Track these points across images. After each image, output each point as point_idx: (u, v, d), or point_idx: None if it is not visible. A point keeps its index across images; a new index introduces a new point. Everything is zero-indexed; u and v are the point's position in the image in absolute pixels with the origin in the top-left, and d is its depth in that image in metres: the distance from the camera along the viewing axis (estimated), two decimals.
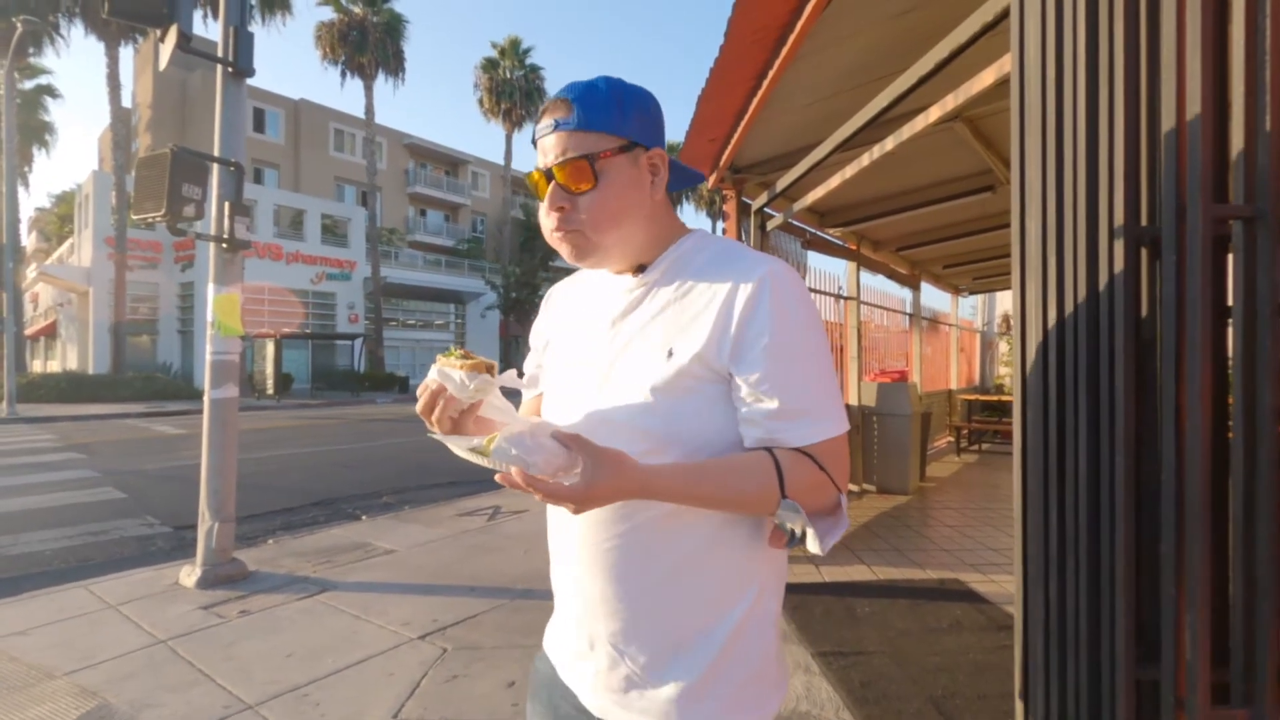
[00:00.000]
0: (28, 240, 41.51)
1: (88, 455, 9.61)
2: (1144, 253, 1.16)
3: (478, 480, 7.70)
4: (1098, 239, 1.20)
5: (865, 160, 3.03)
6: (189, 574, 3.95)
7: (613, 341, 0.92)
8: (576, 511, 0.78)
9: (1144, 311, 1.16)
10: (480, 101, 34.74)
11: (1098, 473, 1.20)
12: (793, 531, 0.86)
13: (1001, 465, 8.07)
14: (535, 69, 34.96)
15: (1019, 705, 1.39)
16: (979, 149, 4.10)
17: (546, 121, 0.89)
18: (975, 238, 6.34)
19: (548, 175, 0.88)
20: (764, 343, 0.83)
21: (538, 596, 3.75)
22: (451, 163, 41.97)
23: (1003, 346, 12.61)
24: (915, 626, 3.20)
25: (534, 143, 0.92)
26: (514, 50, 34.59)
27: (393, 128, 38.27)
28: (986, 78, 1.99)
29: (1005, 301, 12.93)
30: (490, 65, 34.52)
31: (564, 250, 0.91)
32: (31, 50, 21.39)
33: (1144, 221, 1.15)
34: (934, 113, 2.38)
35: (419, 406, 0.89)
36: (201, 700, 2.61)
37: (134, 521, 5.75)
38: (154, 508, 6.23)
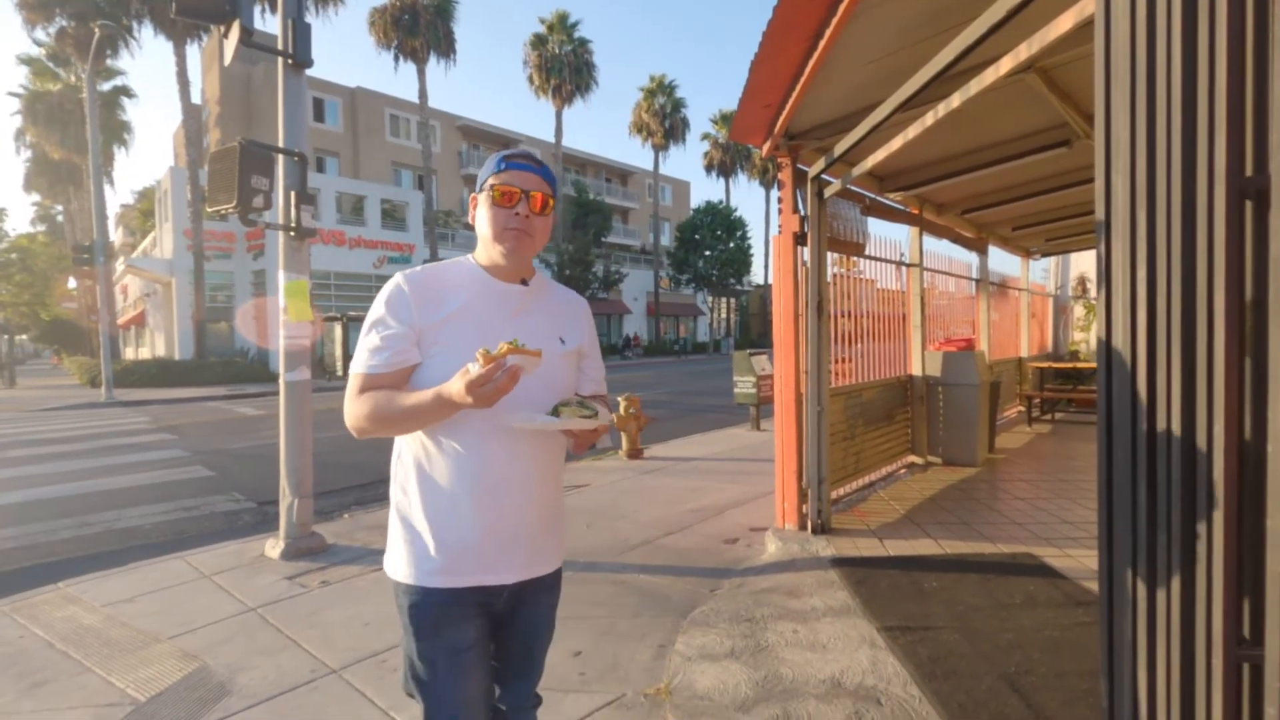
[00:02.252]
0: (115, 235, 44.19)
1: (178, 436, 10.27)
2: (1248, 205, 1.06)
3: None
4: (1195, 192, 1.11)
5: (929, 119, 2.87)
6: (273, 546, 4.19)
7: (518, 324, 1.35)
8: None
9: (1248, 269, 1.06)
10: (530, 79, 34.77)
11: (1193, 443, 1.12)
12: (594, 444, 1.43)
13: (1077, 435, 7.71)
14: (584, 42, 34.70)
15: (1104, 684, 1.33)
16: (1054, 101, 3.85)
17: (527, 162, 1.35)
18: (1048, 196, 5.99)
19: (525, 193, 1.32)
20: (593, 338, 1.54)
21: (602, 569, 3.81)
22: (503, 143, 42.27)
23: (1078, 310, 11.96)
24: (986, 602, 3.11)
25: (503, 164, 1.33)
26: (562, 25, 34.38)
27: (446, 110, 38.78)
28: (1064, 22, 1.85)
29: (1081, 263, 12.20)
30: (539, 41, 34.43)
31: (511, 242, 1.32)
32: (108, 53, 22.52)
33: (1249, 171, 1.05)
34: (1005, 64, 2.23)
35: (498, 386, 1.14)
36: (290, 664, 2.78)
37: (222, 497, 6.13)
38: (239, 484, 6.62)
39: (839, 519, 4.44)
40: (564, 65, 34.11)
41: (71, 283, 36.22)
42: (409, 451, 1.35)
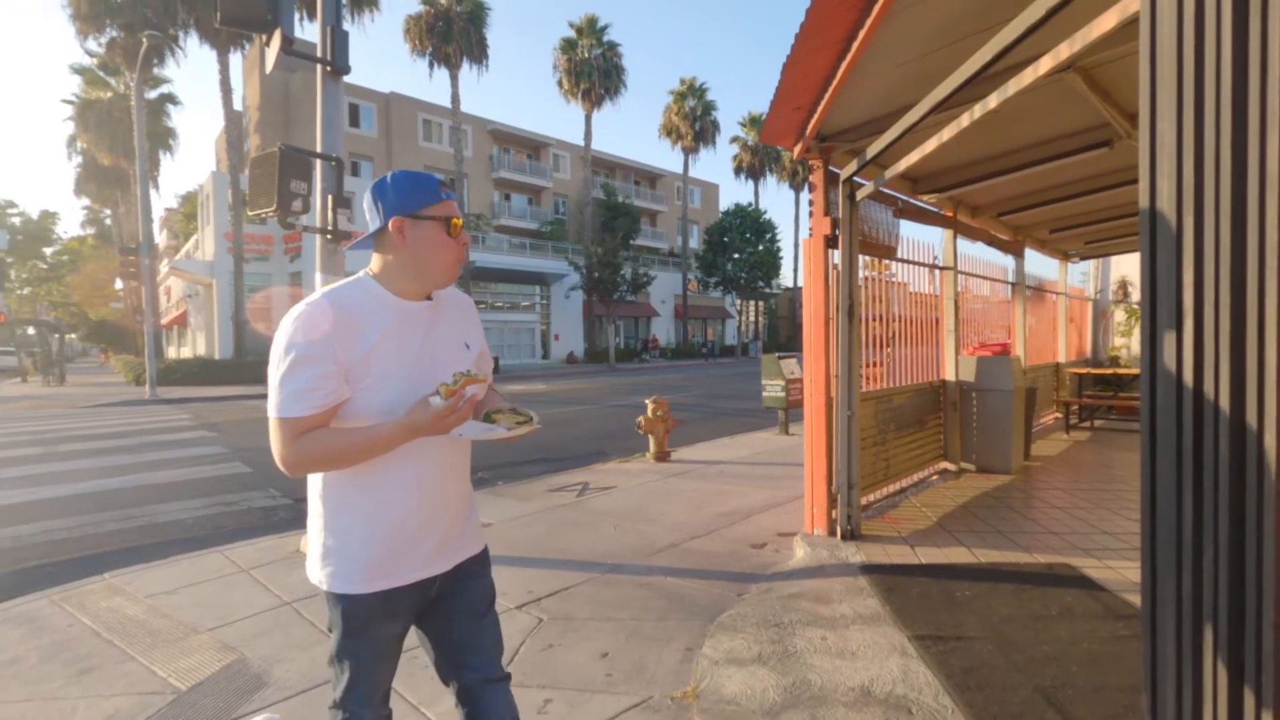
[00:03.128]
0: (160, 238, 45.60)
1: (218, 433, 10.56)
2: None
3: (565, 458, 7.91)
4: (1245, 194, 1.07)
5: (965, 120, 2.83)
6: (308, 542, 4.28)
7: (430, 340, 1.42)
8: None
9: None
10: (560, 83, 35.05)
11: (1242, 453, 1.08)
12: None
13: (1116, 443, 7.50)
14: (613, 46, 34.87)
15: (1146, 699, 1.29)
16: (1095, 101, 3.75)
17: (453, 191, 1.44)
18: (1088, 198, 5.84)
19: (461, 223, 1.42)
20: (482, 335, 1.61)
21: (628, 571, 3.82)
22: (533, 146, 42.67)
23: (1118, 315, 11.63)
24: (1021, 613, 3.04)
25: (443, 194, 1.39)
26: (591, 28, 34.60)
27: (477, 115, 39.26)
28: (1107, 21, 1.80)
29: (1122, 266, 11.85)
30: (569, 45, 34.69)
31: (457, 273, 1.43)
32: (155, 62, 23.29)
33: None
34: (1045, 64, 2.19)
35: (460, 414, 1.30)
36: (324, 658, 2.83)
37: (259, 494, 6.28)
38: (276, 481, 6.77)
39: (869, 525, 4.38)
40: (593, 69, 34.31)
41: (118, 284, 37.50)
42: (337, 473, 1.37)
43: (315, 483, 1.41)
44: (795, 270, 48.71)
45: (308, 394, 1.25)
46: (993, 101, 2.56)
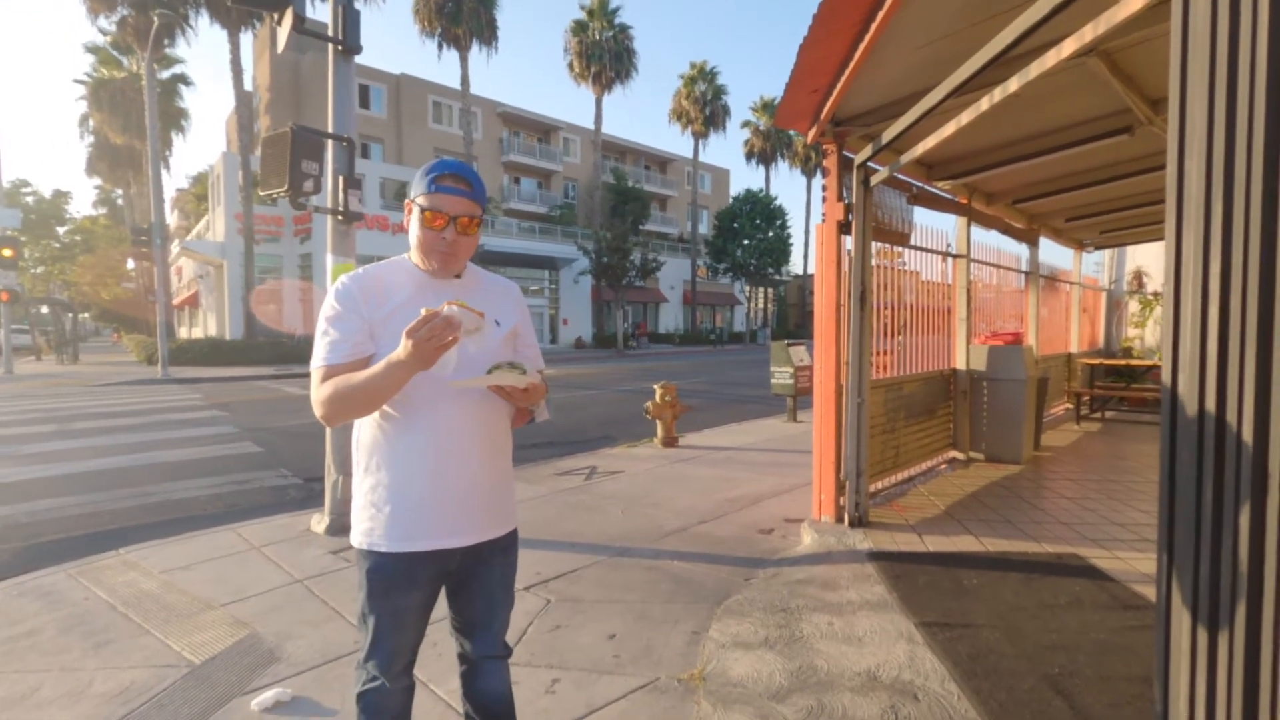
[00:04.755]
0: (171, 218, 45.79)
1: (229, 413, 10.64)
2: None
3: (573, 442, 7.93)
4: (1278, 179, 1.05)
5: (984, 104, 2.78)
6: (319, 521, 4.32)
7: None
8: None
9: None
10: (570, 66, 34.79)
11: (1266, 443, 1.07)
12: (534, 413, 1.65)
13: (1128, 434, 7.45)
14: (624, 28, 34.55)
15: (1158, 689, 1.29)
16: (1117, 86, 3.68)
17: (459, 187, 1.46)
18: (1106, 186, 5.75)
19: (452, 219, 1.45)
20: (526, 320, 1.69)
21: (636, 555, 3.84)
22: (543, 129, 42.43)
23: (1133, 306, 11.50)
24: (1029, 602, 3.04)
25: (434, 186, 1.44)
26: (603, 11, 34.26)
27: (487, 97, 39.03)
28: (1134, 2, 1.76)
29: (1137, 256, 11.69)
30: (579, 28, 34.39)
31: (438, 261, 1.49)
32: (166, 42, 23.24)
33: None
34: (1068, 46, 2.14)
35: (439, 338, 1.28)
36: (335, 635, 2.87)
37: (270, 473, 6.34)
38: (287, 461, 6.84)
39: (877, 513, 4.38)
40: (604, 52, 34.02)
41: (129, 264, 37.72)
42: (367, 433, 1.51)
43: (354, 452, 1.55)
44: (805, 257, 48.47)
45: (340, 344, 1.42)
46: (1013, 85, 2.51)
